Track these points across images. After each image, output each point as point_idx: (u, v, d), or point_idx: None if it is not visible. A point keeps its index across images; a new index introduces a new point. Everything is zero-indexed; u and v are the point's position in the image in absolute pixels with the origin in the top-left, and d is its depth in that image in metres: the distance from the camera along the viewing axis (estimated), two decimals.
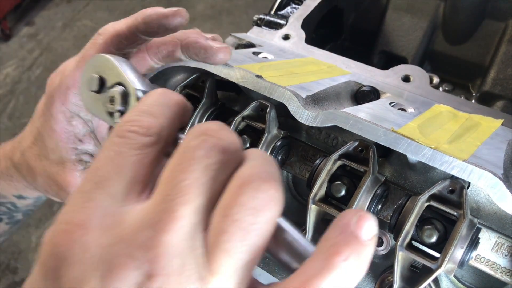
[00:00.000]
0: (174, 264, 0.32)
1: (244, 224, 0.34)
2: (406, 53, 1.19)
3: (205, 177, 0.35)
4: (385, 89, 0.80)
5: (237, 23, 3.58)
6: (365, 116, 0.59)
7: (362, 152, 0.61)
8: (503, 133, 0.68)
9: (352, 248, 0.33)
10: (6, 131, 3.46)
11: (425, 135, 0.57)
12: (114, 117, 0.57)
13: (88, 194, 0.36)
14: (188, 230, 0.33)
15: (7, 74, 3.90)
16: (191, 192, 0.34)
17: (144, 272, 0.32)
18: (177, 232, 0.33)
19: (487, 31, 1.10)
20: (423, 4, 1.17)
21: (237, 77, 0.68)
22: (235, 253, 0.33)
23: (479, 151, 0.57)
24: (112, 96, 0.56)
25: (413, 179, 0.66)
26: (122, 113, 0.56)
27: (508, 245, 0.59)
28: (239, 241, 0.33)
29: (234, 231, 0.33)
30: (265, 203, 0.34)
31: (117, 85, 0.56)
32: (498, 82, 1.06)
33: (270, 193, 0.35)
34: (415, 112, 0.71)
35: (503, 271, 0.59)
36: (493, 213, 0.60)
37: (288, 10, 1.12)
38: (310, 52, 0.96)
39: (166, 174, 0.35)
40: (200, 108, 0.74)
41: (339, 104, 0.75)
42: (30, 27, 4.26)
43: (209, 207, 0.35)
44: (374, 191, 0.61)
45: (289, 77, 0.73)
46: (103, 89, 0.57)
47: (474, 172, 0.51)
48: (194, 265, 0.33)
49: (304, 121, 0.62)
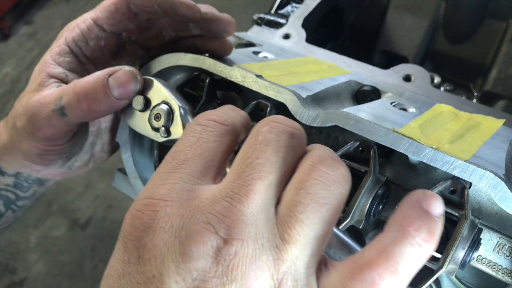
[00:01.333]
0: (249, 231, 0.35)
1: (317, 196, 0.36)
2: (407, 52, 1.18)
3: (276, 157, 0.38)
4: (386, 88, 0.80)
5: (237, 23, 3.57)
6: (366, 116, 0.59)
7: (363, 152, 0.61)
8: (505, 133, 0.68)
9: (424, 221, 0.36)
10: None
11: (426, 135, 0.57)
12: (160, 132, 0.65)
13: (168, 173, 0.39)
14: (262, 203, 0.37)
15: (6, 74, 3.90)
16: (264, 169, 0.37)
17: (221, 237, 0.34)
18: (252, 203, 0.36)
19: (488, 30, 1.10)
20: (424, 3, 1.17)
21: (237, 77, 0.67)
22: (309, 224, 0.36)
23: (480, 151, 0.57)
24: (158, 113, 0.65)
25: (414, 180, 0.66)
26: (167, 129, 0.65)
27: (509, 245, 0.59)
28: (313, 212, 0.36)
29: (308, 203, 0.36)
30: (337, 180, 0.38)
31: (162, 104, 0.65)
32: (500, 81, 1.06)
33: (341, 171, 0.39)
34: (416, 112, 0.71)
35: (505, 272, 0.59)
36: (494, 213, 0.60)
37: (288, 9, 1.12)
38: (310, 52, 0.95)
39: (241, 155, 0.39)
40: (199, 108, 0.74)
41: (340, 103, 0.74)
42: (29, 26, 4.26)
43: (281, 184, 0.38)
44: (375, 192, 0.60)
45: (289, 77, 0.73)
46: (147, 108, 0.66)
47: (475, 173, 0.51)
48: (269, 234, 0.36)
49: (305, 121, 0.62)
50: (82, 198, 2.89)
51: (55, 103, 0.67)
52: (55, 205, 2.87)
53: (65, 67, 0.76)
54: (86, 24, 0.74)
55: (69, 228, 2.81)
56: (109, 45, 0.77)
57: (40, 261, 2.70)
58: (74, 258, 2.70)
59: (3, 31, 4.12)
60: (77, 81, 0.67)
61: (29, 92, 0.73)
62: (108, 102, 0.65)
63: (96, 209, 2.86)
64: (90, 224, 2.81)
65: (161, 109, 0.65)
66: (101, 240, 2.73)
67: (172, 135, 0.65)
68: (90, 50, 0.76)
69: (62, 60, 0.75)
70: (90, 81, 0.65)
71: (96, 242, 2.73)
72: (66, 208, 2.87)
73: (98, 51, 0.77)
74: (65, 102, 0.66)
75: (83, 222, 2.83)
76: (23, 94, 0.75)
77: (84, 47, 0.75)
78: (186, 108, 0.66)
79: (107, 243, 2.71)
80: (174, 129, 0.65)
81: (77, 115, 0.67)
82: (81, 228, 2.81)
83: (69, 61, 0.76)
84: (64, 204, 2.88)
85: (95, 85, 0.64)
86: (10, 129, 0.76)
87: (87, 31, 0.74)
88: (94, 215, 2.84)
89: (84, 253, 2.70)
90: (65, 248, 2.74)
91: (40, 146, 0.73)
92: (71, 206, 2.88)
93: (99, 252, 2.69)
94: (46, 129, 0.70)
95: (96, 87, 0.64)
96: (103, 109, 0.66)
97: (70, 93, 0.66)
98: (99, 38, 0.75)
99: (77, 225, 2.83)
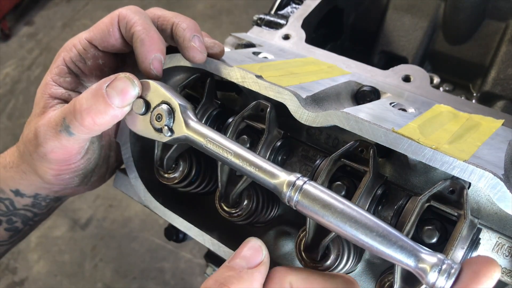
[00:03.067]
0: None
1: None
2: (407, 53, 1.18)
3: None
4: (386, 89, 0.80)
5: (237, 23, 3.58)
6: (366, 117, 0.59)
7: (362, 153, 0.61)
8: (504, 133, 0.68)
9: None
10: (6, 130, 3.46)
11: (426, 135, 0.57)
12: (163, 131, 0.66)
13: None
14: None
15: (6, 74, 3.90)
16: None
17: None
18: None
19: (487, 31, 1.10)
20: (424, 4, 1.17)
21: (237, 77, 0.68)
22: None
23: (479, 151, 0.57)
24: (159, 113, 0.65)
25: (414, 180, 0.66)
26: (169, 128, 0.65)
27: (508, 245, 0.59)
28: None
29: None
30: None
31: (162, 104, 0.66)
32: (499, 82, 1.06)
33: None
34: (416, 112, 0.71)
35: (504, 271, 0.59)
36: (493, 213, 0.60)
37: (288, 10, 1.12)
38: (310, 52, 0.96)
39: None
40: (200, 108, 0.74)
41: (339, 104, 0.75)
42: (30, 26, 4.26)
43: None
44: (375, 192, 0.60)
45: (289, 77, 0.73)
46: (148, 111, 0.67)
47: (474, 173, 0.51)
48: None
49: (304, 121, 0.62)
50: (82, 198, 2.90)
51: (61, 124, 0.67)
52: None
53: (66, 87, 0.76)
54: (82, 45, 0.74)
55: (70, 228, 2.82)
56: (107, 63, 0.77)
57: (40, 260, 2.71)
58: (74, 258, 2.70)
59: (4, 31, 4.12)
60: (76, 99, 0.66)
61: (35, 116, 0.74)
62: (111, 112, 0.65)
63: (96, 209, 2.86)
64: (91, 224, 2.82)
65: (161, 109, 0.65)
66: (102, 240, 2.73)
67: (175, 133, 0.66)
68: (89, 69, 0.76)
69: (62, 80, 0.75)
70: (89, 96, 0.65)
71: (96, 242, 2.73)
72: (66, 208, 2.87)
73: (97, 69, 0.76)
74: (69, 121, 0.66)
75: (83, 222, 2.83)
76: (30, 119, 0.75)
77: (83, 67, 0.76)
78: (186, 106, 0.66)
79: (108, 243, 2.72)
80: (176, 127, 0.65)
81: (83, 131, 0.67)
82: (82, 228, 2.81)
83: (70, 81, 0.76)
84: (64, 204, 2.87)
85: (94, 99, 0.64)
86: (23, 155, 0.76)
87: (84, 51, 0.74)
88: (95, 215, 2.84)
89: (84, 253, 2.71)
90: (65, 248, 2.74)
91: (54, 167, 0.73)
92: (71, 206, 2.88)
93: (99, 252, 2.69)
94: (57, 151, 0.70)
95: (96, 100, 0.64)
96: (107, 120, 0.65)
97: (71, 111, 0.66)
98: (96, 58, 0.75)
99: (77, 225, 2.83)
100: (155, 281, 2.55)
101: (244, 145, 0.68)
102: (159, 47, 0.69)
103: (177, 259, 2.60)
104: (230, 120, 0.73)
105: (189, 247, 2.60)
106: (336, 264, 0.63)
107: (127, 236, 2.70)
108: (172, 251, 2.63)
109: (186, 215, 0.75)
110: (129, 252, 2.66)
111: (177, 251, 2.62)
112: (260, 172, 0.59)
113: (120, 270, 2.61)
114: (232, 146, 0.61)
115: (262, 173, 0.59)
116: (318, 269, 0.63)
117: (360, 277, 0.70)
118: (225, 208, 0.72)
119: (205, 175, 0.79)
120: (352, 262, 0.66)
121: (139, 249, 2.66)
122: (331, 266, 0.63)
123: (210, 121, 0.75)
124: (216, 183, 0.74)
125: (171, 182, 0.76)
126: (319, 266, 0.63)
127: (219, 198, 0.71)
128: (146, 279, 2.56)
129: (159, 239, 2.66)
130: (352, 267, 0.67)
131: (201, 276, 2.51)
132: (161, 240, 2.65)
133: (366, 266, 0.70)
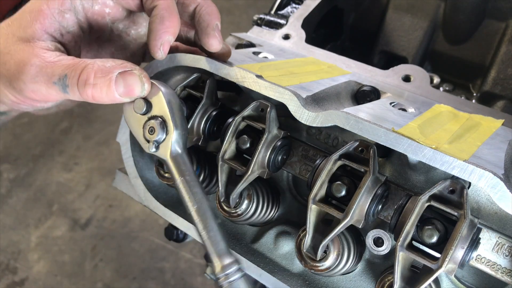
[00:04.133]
0: None
1: None
2: (407, 53, 1.19)
3: None
4: (386, 89, 0.80)
5: (237, 23, 3.58)
6: (366, 116, 0.59)
7: (362, 152, 0.61)
8: (504, 133, 0.68)
9: None
10: (6, 130, 3.46)
11: (426, 135, 0.57)
12: (149, 144, 0.65)
13: None
14: None
15: None
16: None
17: None
18: None
19: (487, 31, 1.10)
20: (424, 4, 1.17)
21: (237, 77, 0.68)
22: None
23: (479, 151, 0.57)
24: (152, 127, 0.65)
25: (414, 179, 0.66)
26: (156, 145, 0.65)
27: (508, 245, 0.59)
28: None
29: None
30: None
31: (159, 119, 0.65)
32: (499, 82, 1.06)
33: None
34: (416, 112, 0.71)
35: (504, 271, 0.59)
36: (493, 213, 0.60)
37: (288, 10, 1.12)
38: (310, 52, 0.96)
39: None
40: (200, 108, 0.74)
41: (340, 104, 0.75)
42: None
43: None
44: (375, 191, 0.60)
45: (289, 77, 0.73)
46: (146, 113, 0.66)
47: (474, 172, 0.51)
48: None
49: (304, 121, 0.62)
50: (82, 198, 2.90)
51: (58, 77, 0.65)
52: (56, 205, 2.87)
53: (62, 24, 0.70)
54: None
55: (70, 228, 2.82)
56: (113, 13, 0.74)
57: (40, 260, 2.71)
58: (74, 258, 2.70)
59: None
60: (87, 64, 0.64)
61: (18, 40, 0.69)
62: (110, 96, 0.64)
63: (96, 209, 2.86)
64: (91, 224, 2.81)
65: (157, 125, 0.65)
66: (102, 240, 2.73)
67: (159, 151, 0.66)
68: (92, 12, 0.72)
69: (61, 15, 0.70)
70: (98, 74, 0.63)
71: (96, 241, 2.73)
72: (66, 208, 2.87)
73: (99, 15, 0.73)
74: (70, 82, 0.64)
75: (83, 222, 2.83)
76: (8, 31, 0.70)
77: (88, 8, 0.72)
78: (181, 133, 0.66)
79: (108, 242, 2.72)
80: (162, 149, 0.66)
81: (78, 97, 0.65)
82: (82, 228, 2.81)
83: (68, 18, 0.71)
84: (64, 204, 2.88)
85: (102, 79, 0.63)
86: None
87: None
88: (95, 215, 2.84)
89: (84, 252, 2.71)
90: (65, 248, 2.74)
91: (20, 99, 0.70)
92: (71, 206, 2.88)
93: (99, 252, 2.69)
94: (38, 94, 0.67)
95: (103, 81, 0.63)
96: (104, 100, 0.65)
97: (77, 75, 0.64)
98: (105, 5, 0.73)
99: (77, 225, 2.83)
100: (155, 281, 2.55)
101: (244, 145, 0.68)
102: (175, 30, 0.67)
103: (177, 259, 2.60)
104: (230, 120, 0.73)
105: (189, 247, 2.60)
106: (336, 264, 0.63)
107: (127, 236, 2.70)
108: (172, 251, 2.63)
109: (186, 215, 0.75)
110: (129, 252, 2.66)
111: (177, 251, 2.62)
112: (209, 240, 0.62)
113: (120, 270, 2.61)
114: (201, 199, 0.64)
115: (210, 242, 0.63)
116: (318, 269, 0.63)
117: (360, 277, 0.70)
118: (225, 208, 0.72)
119: (205, 175, 0.79)
120: (352, 262, 0.66)
121: (139, 249, 2.66)
122: (331, 266, 0.63)
123: (210, 121, 0.75)
124: (216, 183, 0.74)
125: (172, 182, 0.76)
126: (319, 266, 0.63)
127: (219, 198, 0.71)
128: (146, 279, 2.56)
129: (159, 239, 2.66)
130: (352, 267, 0.67)
131: (201, 276, 2.51)
132: (161, 240, 2.65)
133: (366, 266, 0.70)
